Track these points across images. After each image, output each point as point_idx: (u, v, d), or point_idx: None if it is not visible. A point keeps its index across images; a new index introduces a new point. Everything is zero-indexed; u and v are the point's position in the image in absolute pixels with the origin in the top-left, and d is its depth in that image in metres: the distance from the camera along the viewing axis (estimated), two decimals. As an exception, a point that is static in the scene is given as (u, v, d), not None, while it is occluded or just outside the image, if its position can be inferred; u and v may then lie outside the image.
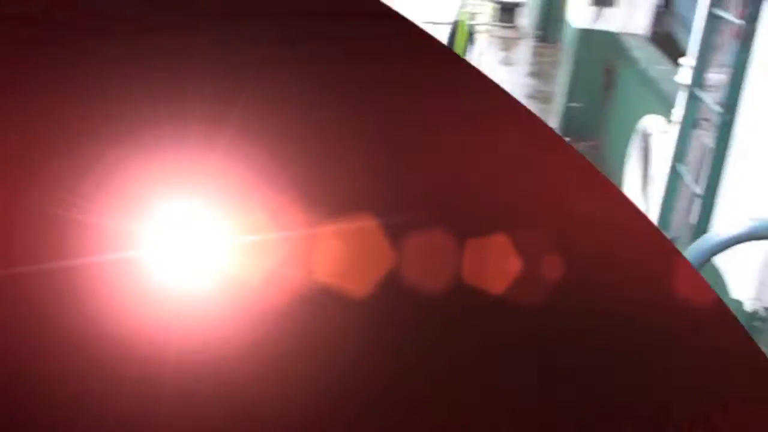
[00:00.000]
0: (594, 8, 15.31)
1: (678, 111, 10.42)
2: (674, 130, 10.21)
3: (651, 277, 1.58)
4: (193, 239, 1.59)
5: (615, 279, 1.59)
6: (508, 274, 1.59)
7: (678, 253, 1.56)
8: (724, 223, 8.15)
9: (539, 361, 1.63)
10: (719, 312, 1.57)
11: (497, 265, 1.58)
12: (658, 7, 15.63)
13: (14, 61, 1.47)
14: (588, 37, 13.81)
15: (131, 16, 1.45)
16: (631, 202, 1.58)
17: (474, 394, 1.58)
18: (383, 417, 1.61)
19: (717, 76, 9.23)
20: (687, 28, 12.25)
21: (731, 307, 1.59)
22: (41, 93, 1.52)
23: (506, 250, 1.57)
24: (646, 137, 11.78)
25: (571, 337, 1.62)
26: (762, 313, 7.80)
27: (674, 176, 10.07)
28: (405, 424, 1.63)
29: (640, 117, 12.08)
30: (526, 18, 28.65)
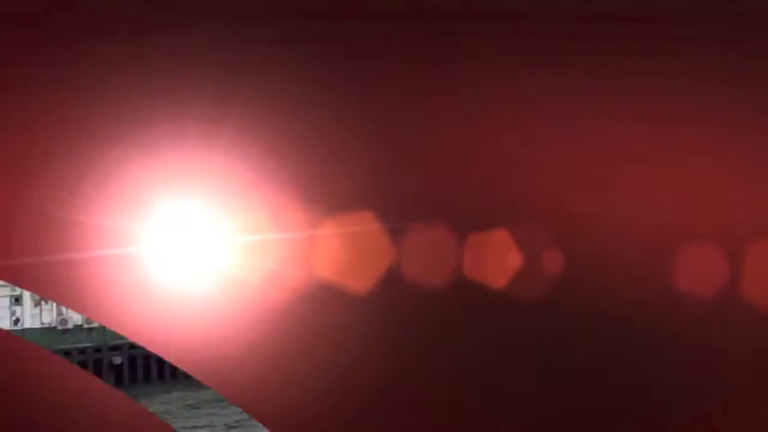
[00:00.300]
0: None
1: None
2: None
3: (651, 277, 1.57)
4: (193, 239, 1.59)
5: (615, 279, 1.59)
6: (508, 274, 1.59)
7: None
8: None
9: (539, 361, 1.63)
10: (718, 312, 1.57)
11: (497, 264, 1.58)
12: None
13: (14, 61, 1.47)
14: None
15: (131, 16, 1.45)
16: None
17: (474, 394, 1.58)
18: (383, 416, 1.61)
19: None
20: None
21: None
22: (41, 93, 1.52)
23: (506, 249, 1.57)
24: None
25: (571, 337, 1.62)
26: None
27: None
28: (405, 423, 1.63)
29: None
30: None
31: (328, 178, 1.60)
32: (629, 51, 1.44)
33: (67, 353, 47.41)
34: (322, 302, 1.58)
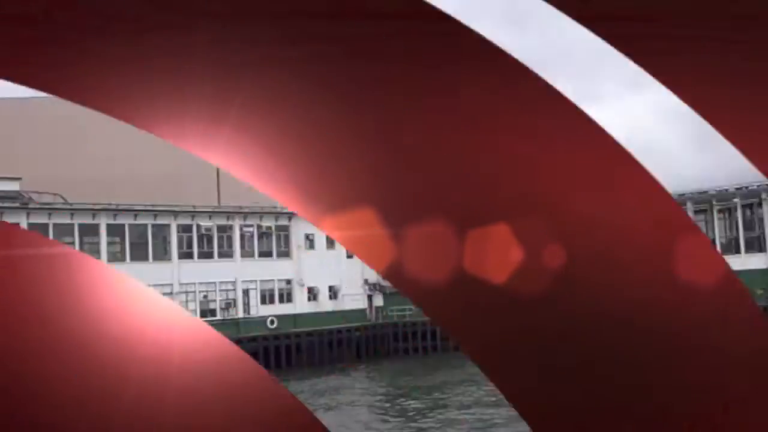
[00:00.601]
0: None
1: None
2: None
3: (651, 277, 1.57)
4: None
5: (615, 279, 1.59)
6: (507, 274, 1.59)
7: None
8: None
9: (539, 361, 1.63)
10: (720, 312, 1.57)
11: (497, 264, 1.58)
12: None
13: (14, 61, 1.47)
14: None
15: (131, 16, 1.45)
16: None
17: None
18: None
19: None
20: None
21: None
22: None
23: (506, 249, 1.57)
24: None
25: (570, 337, 1.62)
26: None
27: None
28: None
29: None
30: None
31: (328, 178, 1.60)
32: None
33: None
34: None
